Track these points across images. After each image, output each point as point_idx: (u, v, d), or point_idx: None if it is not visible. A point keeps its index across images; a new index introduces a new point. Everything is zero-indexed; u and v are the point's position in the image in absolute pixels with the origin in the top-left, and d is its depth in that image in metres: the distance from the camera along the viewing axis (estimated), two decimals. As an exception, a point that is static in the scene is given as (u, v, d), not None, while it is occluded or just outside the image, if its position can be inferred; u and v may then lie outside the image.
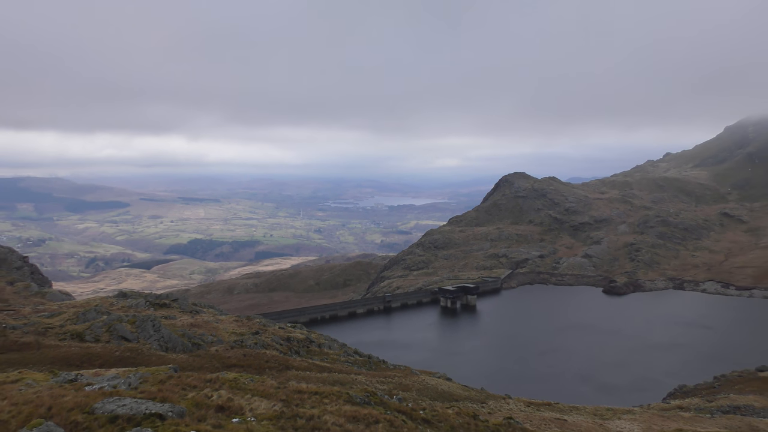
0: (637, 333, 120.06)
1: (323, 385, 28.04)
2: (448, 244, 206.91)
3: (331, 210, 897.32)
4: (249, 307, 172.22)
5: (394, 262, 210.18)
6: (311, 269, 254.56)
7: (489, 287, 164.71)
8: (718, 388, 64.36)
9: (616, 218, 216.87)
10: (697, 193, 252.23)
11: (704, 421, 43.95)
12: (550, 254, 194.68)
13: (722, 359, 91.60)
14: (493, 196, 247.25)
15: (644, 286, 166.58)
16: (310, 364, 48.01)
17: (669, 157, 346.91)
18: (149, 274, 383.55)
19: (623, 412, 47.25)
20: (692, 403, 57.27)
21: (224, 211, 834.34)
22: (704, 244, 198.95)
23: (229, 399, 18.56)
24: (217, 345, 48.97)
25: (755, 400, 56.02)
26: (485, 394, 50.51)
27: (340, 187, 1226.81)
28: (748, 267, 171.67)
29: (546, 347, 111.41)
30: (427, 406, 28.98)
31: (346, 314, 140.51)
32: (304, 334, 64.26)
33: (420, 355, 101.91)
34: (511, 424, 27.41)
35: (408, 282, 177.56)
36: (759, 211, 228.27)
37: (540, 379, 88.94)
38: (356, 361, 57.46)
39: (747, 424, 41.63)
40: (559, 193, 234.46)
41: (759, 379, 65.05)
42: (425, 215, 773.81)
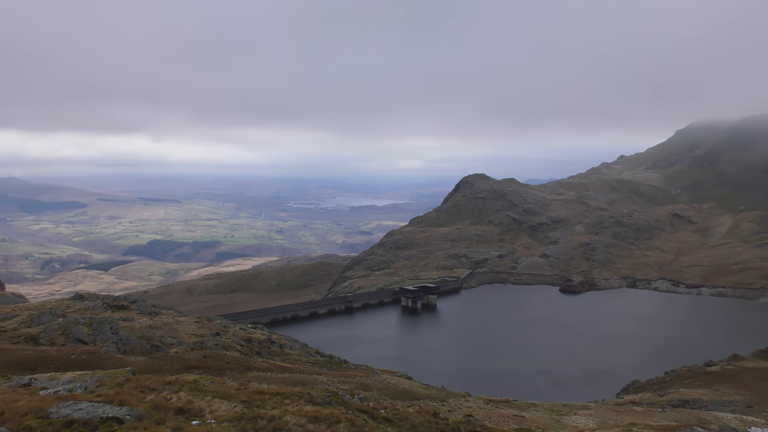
0: (593, 330, 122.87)
1: (284, 386, 28.06)
2: (409, 245, 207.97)
3: (293, 211, 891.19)
4: (210, 309, 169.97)
5: (355, 262, 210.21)
6: (273, 270, 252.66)
7: (449, 287, 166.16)
8: (669, 382, 66.39)
9: (573, 219, 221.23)
10: (649, 195, 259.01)
11: (656, 414, 45.36)
12: (509, 254, 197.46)
13: (673, 355, 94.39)
14: (454, 197, 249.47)
15: (599, 284, 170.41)
16: (272, 365, 47.84)
17: (623, 160, 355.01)
18: (107, 276, 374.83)
19: (579, 408, 48.41)
20: (644, 398, 59.02)
21: (185, 211, 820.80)
22: (656, 243, 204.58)
23: (189, 401, 18.51)
24: (177, 347, 48.41)
25: (703, 394, 58.02)
26: (445, 393, 51.11)
27: (302, 187, 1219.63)
28: (696, 266, 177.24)
29: (505, 345, 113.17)
30: (388, 405, 29.28)
31: (307, 314, 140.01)
32: (265, 334, 63.91)
33: (381, 355, 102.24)
34: (471, 421, 27.90)
35: (369, 282, 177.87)
36: (707, 212, 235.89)
37: (499, 377, 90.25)
38: (318, 362, 57.44)
39: (696, 417, 43.14)
40: (517, 195, 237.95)
41: (707, 374, 67.34)
42: (387, 216, 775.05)
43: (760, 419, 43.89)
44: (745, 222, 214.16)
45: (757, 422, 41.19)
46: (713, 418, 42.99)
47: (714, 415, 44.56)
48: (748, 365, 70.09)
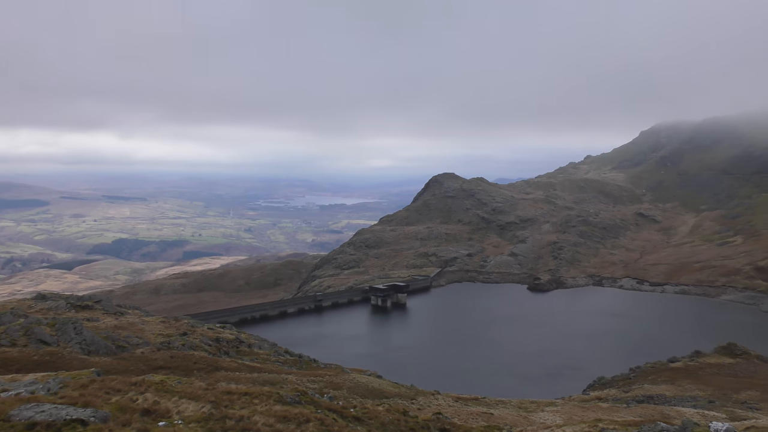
0: (560, 328, 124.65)
1: (253, 386, 27.85)
2: (379, 243, 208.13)
3: (262, 209, 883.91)
4: (177, 308, 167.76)
5: (325, 261, 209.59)
6: (241, 269, 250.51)
7: (419, 285, 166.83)
8: (634, 379, 67.66)
9: (541, 218, 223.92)
10: (615, 195, 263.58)
11: (621, 410, 46.20)
12: (478, 253, 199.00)
13: (637, 352, 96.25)
14: (423, 196, 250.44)
15: (566, 283, 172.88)
16: (240, 365, 47.43)
17: (589, 160, 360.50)
18: (70, 275, 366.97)
19: (546, 405, 49.03)
20: (610, 394, 60.06)
21: (151, 210, 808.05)
22: (621, 242, 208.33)
23: (156, 402, 18.23)
24: (143, 347, 47.67)
25: (667, 390, 59.29)
26: (415, 391, 51.30)
27: (271, 186, 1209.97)
28: (660, 264, 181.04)
29: (474, 343, 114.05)
30: (357, 404, 29.26)
31: (276, 314, 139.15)
32: (233, 334, 63.33)
33: (351, 354, 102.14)
34: (440, 419, 28.03)
35: (339, 281, 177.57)
36: (670, 212, 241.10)
37: (468, 375, 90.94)
38: (287, 361, 57.13)
39: (659, 412, 44.05)
40: (486, 194, 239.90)
41: (670, 370, 68.81)
42: (356, 214, 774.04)
43: (721, 414, 45.01)
44: (707, 221, 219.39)
45: (719, 417, 42.25)
46: (676, 413, 43.95)
47: (677, 411, 45.56)
48: (710, 361, 71.80)
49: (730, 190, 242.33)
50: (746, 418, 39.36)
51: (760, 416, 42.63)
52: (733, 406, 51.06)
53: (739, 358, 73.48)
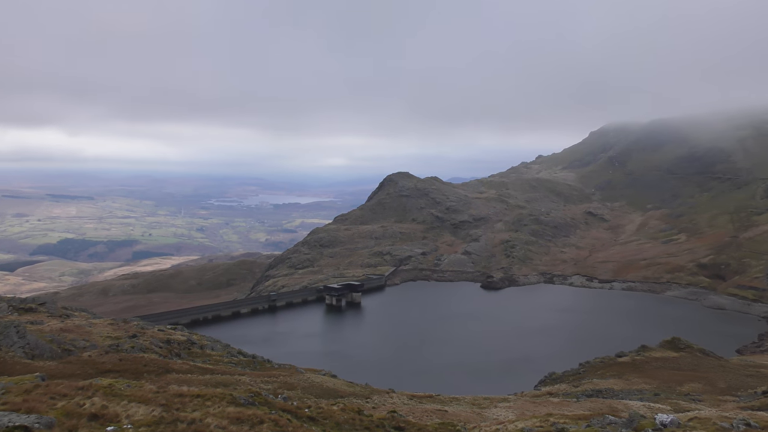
0: (513, 325, 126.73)
1: (206, 388, 27.42)
2: (333, 243, 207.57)
3: (214, 208, 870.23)
4: (126, 310, 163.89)
5: (279, 260, 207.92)
6: (193, 269, 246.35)
7: (374, 284, 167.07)
8: (583, 373, 69.29)
9: (494, 217, 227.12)
10: (565, 194, 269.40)
11: (571, 404, 47.24)
12: (432, 251, 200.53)
13: (587, 347, 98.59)
14: (378, 195, 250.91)
15: (518, 280, 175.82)
16: (192, 367, 46.62)
17: (541, 160, 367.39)
18: (13, 277, 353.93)
19: (499, 401, 49.77)
20: (560, 389, 61.37)
21: (99, 209, 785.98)
22: (571, 240, 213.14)
23: (104, 406, 17.76)
24: (91, 350, 46.35)
25: (615, 384, 60.94)
26: (370, 390, 51.37)
27: (224, 185, 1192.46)
28: (609, 262, 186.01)
29: (429, 341, 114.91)
30: (312, 404, 29.12)
31: (229, 314, 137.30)
32: (185, 335, 62.20)
33: (306, 353, 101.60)
34: (395, 417, 28.13)
35: (293, 280, 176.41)
36: (618, 211, 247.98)
37: (423, 372, 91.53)
38: (240, 362, 56.43)
39: (608, 406, 45.22)
40: (440, 193, 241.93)
41: (618, 364, 70.74)
42: (311, 214, 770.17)
43: (666, 406, 46.50)
44: (652, 220, 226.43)
45: (664, 409, 43.64)
46: (624, 406, 45.18)
47: (624, 404, 46.85)
48: (656, 355, 74.08)
49: (675, 189, 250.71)
50: (689, 409, 40.76)
51: (702, 407, 44.25)
52: (677, 398, 52.82)
53: (682, 351, 76.06)
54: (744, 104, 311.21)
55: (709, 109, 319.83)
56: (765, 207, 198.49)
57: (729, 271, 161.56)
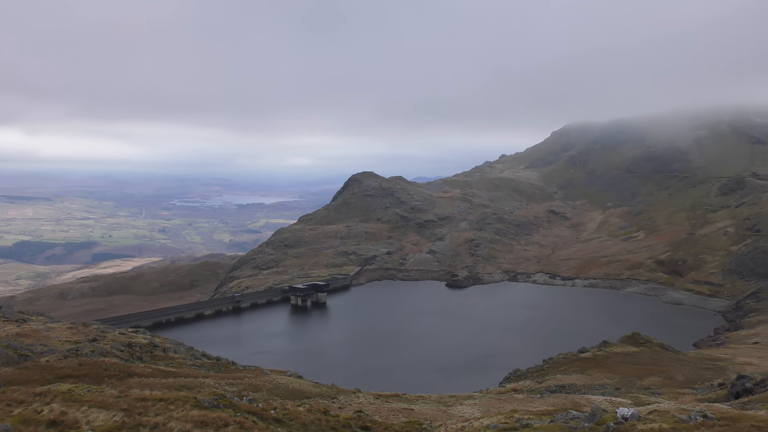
0: (478, 323, 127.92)
1: (169, 391, 27.01)
2: (298, 243, 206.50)
3: (176, 209, 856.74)
4: (85, 313, 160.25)
5: (243, 261, 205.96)
6: (155, 270, 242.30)
7: (339, 284, 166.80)
8: (547, 370, 70.30)
9: (458, 216, 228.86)
10: (528, 193, 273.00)
11: (535, 401, 47.90)
12: (398, 251, 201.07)
13: (550, 343, 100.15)
14: (343, 195, 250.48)
15: (483, 279, 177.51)
16: (155, 370, 45.84)
17: (504, 159, 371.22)
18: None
19: (465, 398, 50.16)
20: (525, 386, 62.15)
21: (57, 210, 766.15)
22: (534, 239, 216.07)
23: (63, 412, 17.36)
24: (49, 355, 45.20)
25: (577, 379, 62.00)
26: (336, 390, 51.23)
27: (186, 185, 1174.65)
28: (571, 259, 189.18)
29: (395, 340, 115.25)
30: (278, 406, 28.92)
31: (193, 316, 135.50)
32: (147, 338, 61.11)
33: (271, 355, 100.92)
34: (361, 416, 28.14)
35: (258, 281, 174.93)
36: (580, 209, 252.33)
37: (389, 372, 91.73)
38: (204, 364, 55.71)
39: (570, 401, 45.98)
40: (405, 192, 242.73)
41: (580, 360, 71.98)
42: (275, 214, 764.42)
43: (627, 400, 47.50)
44: (612, 218, 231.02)
45: (624, 403, 44.56)
46: (586, 401, 45.99)
47: (587, 399, 47.70)
48: (616, 350, 75.59)
49: (634, 188, 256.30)
50: (649, 402, 41.71)
51: (662, 400, 45.35)
52: (637, 392, 54.02)
53: (642, 346, 77.76)
54: (700, 105, 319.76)
55: (667, 110, 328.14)
56: (719, 205, 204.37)
57: (686, 267, 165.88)
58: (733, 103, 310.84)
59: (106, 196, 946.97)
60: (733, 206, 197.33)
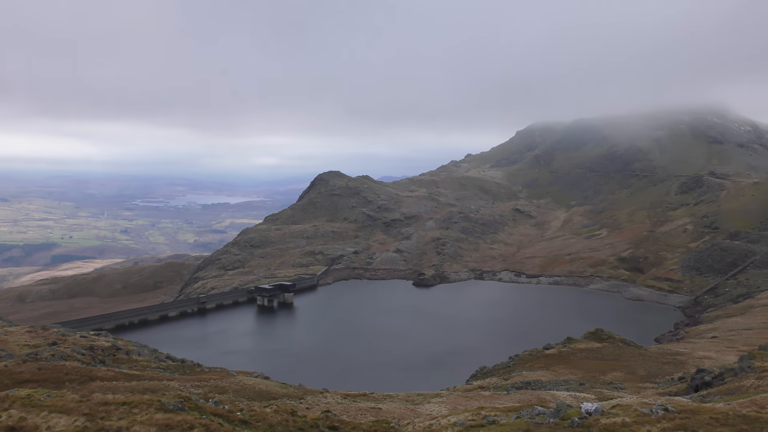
0: (445, 321, 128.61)
1: (132, 395, 26.56)
2: (264, 243, 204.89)
3: (139, 209, 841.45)
4: (45, 316, 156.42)
5: (208, 262, 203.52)
6: (118, 272, 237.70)
7: (306, 284, 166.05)
8: (513, 367, 71.06)
9: (424, 215, 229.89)
10: (493, 192, 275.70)
11: (501, 397, 48.40)
12: (364, 250, 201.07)
13: (516, 340, 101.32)
14: (309, 194, 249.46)
15: (450, 277, 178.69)
16: (118, 374, 44.99)
17: (470, 158, 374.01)
18: None
19: (432, 396, 50.41)
20: (491, 383, 62.75)
21: (14, 211, 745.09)
22: (500, 237, 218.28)
23: (22, 418, 16.92)
24: (7, 360, 43.99)
25: (542, 375, 62.84)
26: (303, 390, 50.96)
27: (149, 185, 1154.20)
28: (536, 257, 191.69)
29: (362, 339, 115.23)
30: (244, 407, 28.65)
31: (157, 318, 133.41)
32: (109, 341, 59.93)
33: (237, 356, 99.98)
34: (329, 417, 28.03)
35: (224, 282, 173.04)
36: (544, 207, 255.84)
37: (357, 371, 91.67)
38: (169, 367, 54.88)
39: (536, 397, 46.60)
40: (372, 192, 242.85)
41: (545, 357, 72.96)
42: (241, 214, 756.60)
43: (591, 395, 48.35)
44: (576, 216, 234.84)
45: (588, 398, 45.35)
46: (551, 397, 46.67)
47: (552, 394, 48.40)
48: (580, 346, 76.83)
49: (596, 186, 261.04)
50: (612, 397, 42.51)
51: (624, 395, 46.28)
52: (601, 387, 55.00)
53: (605, 342, 79.19)
54: (659, 106, 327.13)
55: (628, 110, 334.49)
56: (679, 203, 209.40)
57: (647, 264, 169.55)
58: (691, 105, 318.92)
59: (66, 197, 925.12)
60: (691, 204, 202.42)
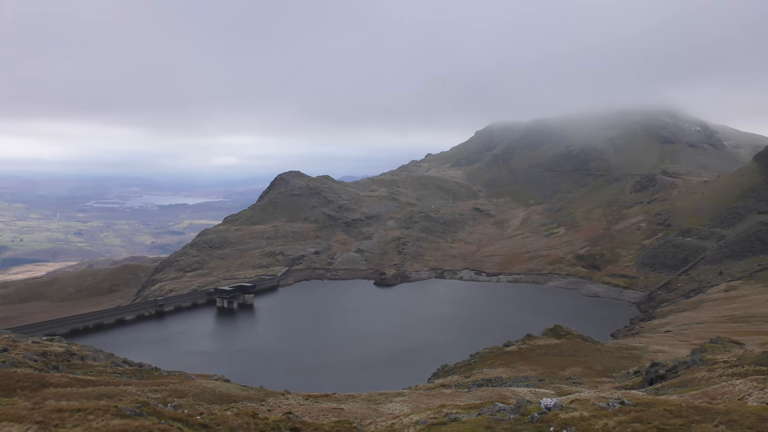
0: (406, 320, 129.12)
1: (87, 401, 25.87)
2: (223, 244, 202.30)
3: (93, 211, 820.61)
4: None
5: (166, 264, 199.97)
6: (71, 275, 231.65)
7: (266, 285, 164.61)
8: (474, 364, 71.68)
9: (385, 214, 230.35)
10: (453, 191, 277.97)
11: (463, 395, 48.79)
12: (325, 250, 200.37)
13: (477, 338, 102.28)
14: (269, 195, 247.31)
15: (411, 276, 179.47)
16: (72, 379, 43.78)
17: (430, 158, 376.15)
18: None
19: (394, 395, 50.48)
20: (453, 381, 63.22)
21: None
22: (460, 236, 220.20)
23: (-30, 428, 16.30)
24: (-47, 368, 42.35)
25: (503, 372, 63.60)
26: (265, 392, 50.44)
27: (104, 186, 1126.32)
28: (495, 255, 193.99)
29: (324, 340, 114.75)
30: (204, 411, 28.22)
31: (113, 322, 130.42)
32: (63, 346, 58.28)
33: (197, 359, 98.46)
34: (291, 418, 27.80)
35: (182, 284, 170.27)
36: (503, 206, 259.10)
37: (319, 372, 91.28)
38: (126, 371, 53.65)
39: (497, 394, 47.13)
40: (332, 191, 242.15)
41: (506, 354, 73.83)
42: (199, 214, 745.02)
43: (550, 390, 49.13)
44: (534, 214, 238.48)
45: (548, 393, 46.06)
46: (512, 393, 47.24)
47: (512, 391, 49.00)
48: (540, 343, 77.98)
49: (554, 185, 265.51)
50: (571, 392, 43.28)
51: (582, 389, 47.19)
52: (559, 383, 55.94)
53: (563, 338, 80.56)
54: (614, 107, 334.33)
55: (584, 111, 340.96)
56: (633, 201, 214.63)
57: (603, 261, 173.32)
58: (644, 105, 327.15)
59: (16, 198, 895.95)
60: (645, 202, 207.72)
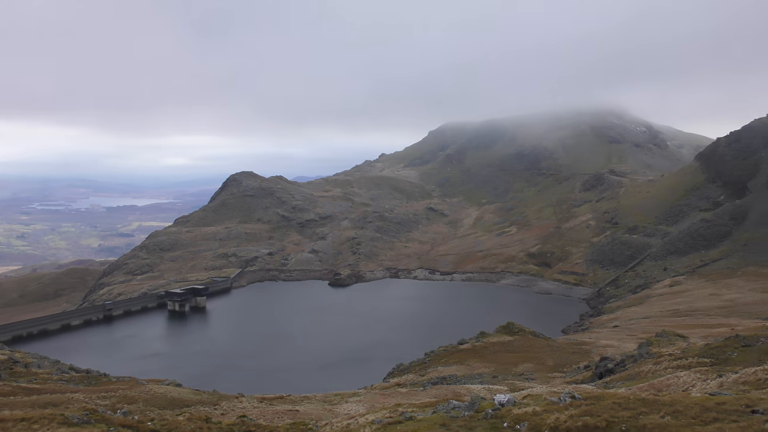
0: (361, 320, 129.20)
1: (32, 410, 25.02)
2: (174, 246, 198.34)
3: (37, 213, 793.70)
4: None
5: (115, 267, 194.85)
6: (13, 280, 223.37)
7: (219, 287, 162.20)
8: (428, 363, 72.14)
9: (339, 215, 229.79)
10: (407, 191, 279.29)
11: (418, 393, 49.05)
12: (279, 251, 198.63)
13: (431, 337, 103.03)
14: (221, 196, 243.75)
15: (365, 276, 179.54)
16: (15, 388, 42.20)
17: (384, 158, 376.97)
18: None
19: (350, 396, 50.39)
20: (408, 379, 63.47)
21: None
22: (414, 235, 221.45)
23: None
24: None
25: (457, 370, 64.20)
26: (218, 396, 49.67)
27: (48, 187, 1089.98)
28: (449, 254, 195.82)
29: (278, 342, 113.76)
30: (155, 416, 27.57)
31: (58, 327, 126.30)
32: (5, 354, 56.18)
33: (147, 364, 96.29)
34: (245, 421, 27.44)
35: (132, 287, 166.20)
36: (456, 206, 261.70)
37: (274, 374, 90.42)
38: (73, 378, 52.00)
39: (452, 391, 47.54)
40: (286, 192, 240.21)
41: (460, 351, 74.55)
42: (149, 216, 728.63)
43: (503, 386, 49.85)
44: (487, 214, 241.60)
45: (501, 389, 46.74)
46: (466, 390, 47.73)
47: (467, 388, 49.52)
48: (493, 340, 79.01)
49: (506, 185, 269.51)
50: (523, 388, 44.02)
51: (535, 385, 48.03)
52: (513, 379, 56.81)
53: (516, 335, 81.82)
54: (563, 107, 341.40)
55: (534, 111, 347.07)
56: (582, 200, 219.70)
57: (554, 258, 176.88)
58: (592, 106, 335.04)
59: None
60: (594, 201, 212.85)
